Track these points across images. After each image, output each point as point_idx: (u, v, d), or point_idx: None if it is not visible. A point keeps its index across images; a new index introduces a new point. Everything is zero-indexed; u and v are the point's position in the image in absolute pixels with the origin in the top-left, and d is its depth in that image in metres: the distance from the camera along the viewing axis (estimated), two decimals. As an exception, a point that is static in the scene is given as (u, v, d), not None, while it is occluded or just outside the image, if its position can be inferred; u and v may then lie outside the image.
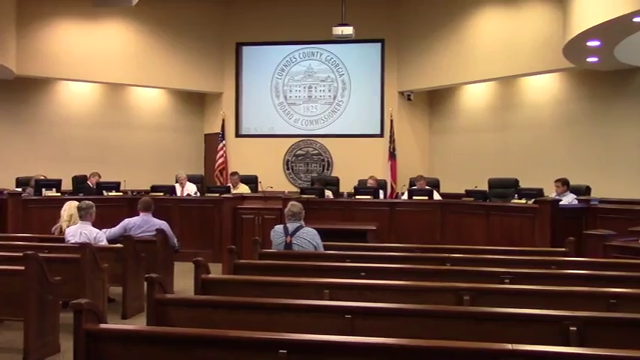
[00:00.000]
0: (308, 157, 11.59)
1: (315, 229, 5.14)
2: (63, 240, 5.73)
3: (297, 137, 11.72)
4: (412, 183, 9.37)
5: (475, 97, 10.74)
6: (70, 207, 6.12)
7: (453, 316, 2.82)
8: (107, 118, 11.34)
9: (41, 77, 10.34)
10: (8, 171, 9.78)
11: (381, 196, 9.09)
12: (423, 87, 10.95)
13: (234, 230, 8.08)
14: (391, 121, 11.02)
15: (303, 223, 5.12)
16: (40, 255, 4.38)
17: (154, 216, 6.47)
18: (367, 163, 10.95)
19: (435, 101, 11.43)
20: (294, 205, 5.18)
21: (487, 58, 9.62)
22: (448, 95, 11.19)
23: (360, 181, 9.70)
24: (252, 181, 10.00)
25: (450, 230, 7.82)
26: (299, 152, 11.69)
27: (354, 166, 10.93)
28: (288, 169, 11.71)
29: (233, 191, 9.27)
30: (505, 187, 8.29)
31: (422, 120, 11.47)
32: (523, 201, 7.00)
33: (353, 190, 8.75)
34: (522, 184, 8.20)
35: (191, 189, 9.51)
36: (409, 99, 11.20)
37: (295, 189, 10.69)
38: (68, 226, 5.90)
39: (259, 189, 9.63)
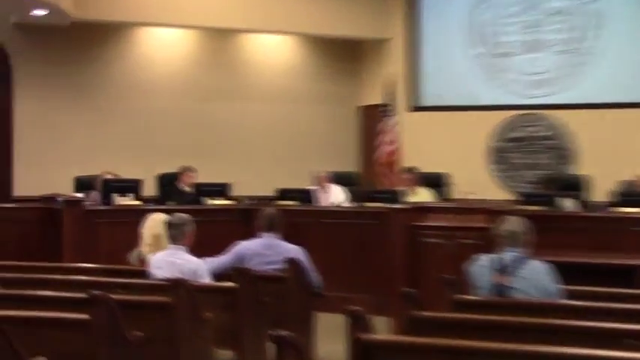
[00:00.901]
0: (531, 143, 11.46)
1: (547, 262, 5.25)
2: (144, 273, 6.03)
3: (512, 110, 11.88)
4: None
5: None
6: (155, 223, 6.51)
7: None
8: (208, 85, 12.21)
9: (108, 22, 11.32)
10: (63, 166, 10.83)
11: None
12: None
13: (411, 262, 8.30)
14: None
15: (527, 252, 5.24)
16: (112, 297, 4.59)
17: (282, 239, 6.79)
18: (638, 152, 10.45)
19: None
20: (512, 223, 5.34)
21: None
22: None
23: (625, 183, 9.31)
24: (436, 182, 10.40)
25: None
26: (515, 134, 11.67)
27: (614, 158, 10.78)
28: (496, 163, 11.60)
29: (408, 199, 9.64)
30: None
31: None
32: None
33: (613, 199, 8.37)
34: None
35: (339, 195, 10.09)
36: None
37: (510, 196, 11.08)
38: (153, 252, 6.21)
39: (449, 195, 10.13)
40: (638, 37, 11.01)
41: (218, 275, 6.36)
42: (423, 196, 9.94)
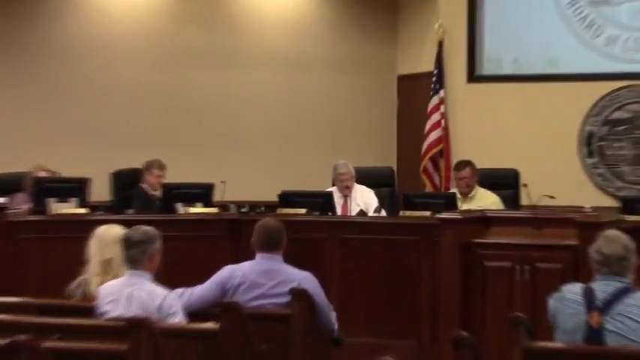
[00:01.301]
0: None
1: None
2: (91, 311, 5.93)
3: (614, 80, 11.63)
4: None
5: None
6: (107, 239, 6.42)
7: None
8: (185, 48, 12.17)
9: None
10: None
11: None
12: None
13: (467, 295, 8.13)
14: None
15: (631, 281, 5.21)
16: (44, 346, 4.50)
17: (286, 261, 6.68)
18: None
19: None
20: (612, 241, 5.30)
21: None
22: None
23: None
24: (502, 182, 10.57)
25: None
26: (618, 115, 11.46)
27: None
28: (591, 156, 11.71)
29: (462, 205, 9.69)
30: None
31: None
32: None
33: None
34: None
35: (368, 200, 10.01)
36: None
37: (608, 201, 11.07)
38: (103, 282, 6.11)
39: (521, 200, 10.22)
40: None
41: (196, 312, 6.34)
42: (484, 201, 9.95)
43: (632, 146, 11.60)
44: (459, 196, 9.91)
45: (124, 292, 5.92)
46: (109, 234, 6.48)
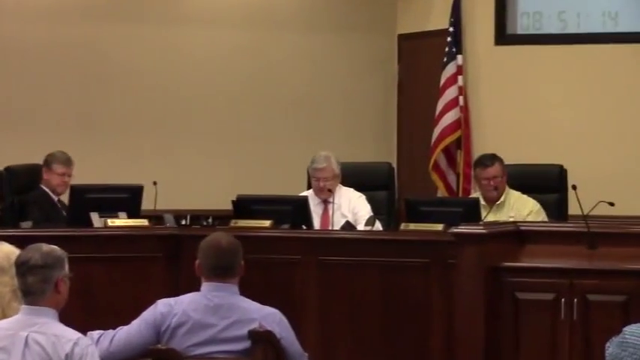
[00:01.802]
0: None
1: None
2: None
3: None
4: None
5: None
6: None
7: None
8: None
9: None
10: None
11: None
12: None
13: (494, 335, 8.21)
14: None
15: None
16: None
17: (243, 292, 6.71)
18: None
19: None
20: None
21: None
22: None
23: None
24: (546, 182, 10.85)
25: None
26: None
27: None
28: None
29: (488, 216, 10.02)
30: None
31: None
32: None
33: None
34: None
35: (356, 206, 10.34)
36: None
37: None
38: None
39: (570, 208, 10.42)
40: None
41: None
42: (519, 210, 10.21)
43: None
44: (483, 202, 10.10)
45: (19, 337, 5.64)
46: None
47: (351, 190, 10.51)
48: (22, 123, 11.84)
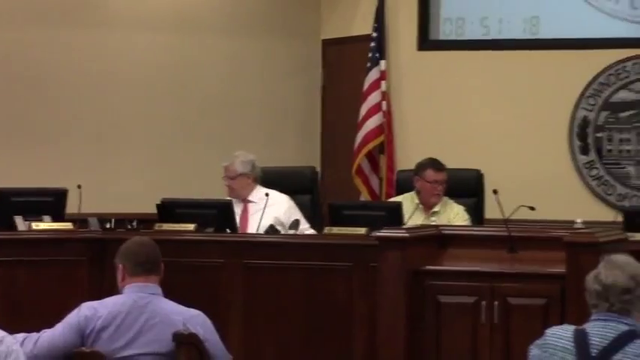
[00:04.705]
0: None
1: None
2: None
3: (617, 48, 12.13)
4: None
5: None
6: None
7: None
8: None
9: None
10: None
11: None
12: None
13: (415, 338, 8.25)
14: None
15: (638, 323, 5.19)
16: None
17: (167, 296, 6.70)
18: None
19: None
20: (616, 267, 5.29)
21: None
22: None
23: None
24: (464, 186, 10.94)
25: None
26: (620, 97, 11.65)
27: None
28: (585, 152, 12.08)
29: (419, 218, 10.20)
30: None
31: None
32: None
33: None
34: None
35: (280, 210, 10.40)
36: None
37: (607, 213, 11.34)
38: None
39: (488, 212, 10.69)
40: None
41: None
42: (450, 214, 10.52)
43: (635, 139, 11.84)
44: (421, 206, 10.44)
45: None
46: None
47: (276, 192, 10.72)
48: None
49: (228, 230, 9.86)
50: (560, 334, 5.29)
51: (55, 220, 9.66)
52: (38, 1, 12.25)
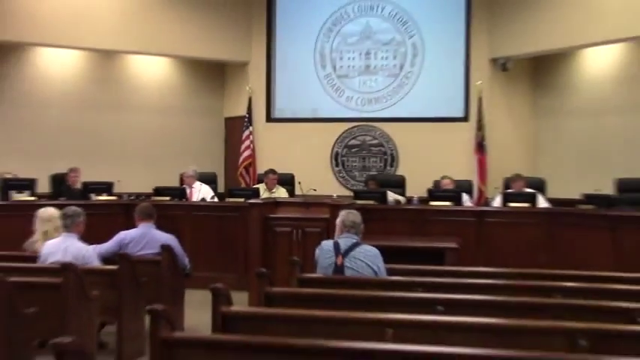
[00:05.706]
0: (364, 149, 12.47)
1: (375, 247, 5.85)
2: (37, 259, 6.12)
3: (350, 122, 13.94)
4: (507, 185, 9.55)
5: (600, 65, 10.70)
6: (47, 215, 6.78)
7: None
8: (96, 97, 14.45)
9: (8, 42, 12.42)
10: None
11: (466, 202, 9.02)
12: (525, 52, 11.53)
13: (265, 247, 9.24)
14: (479, 99, 11.44)
15: (360, 239, 5.81)
16: (8, 280, 4.79)
17: (157, 228, 7.40)
18: (446, 157, 12.25)
19: (541, 72, 11.75)
20: (350, 214, 5.89)
21: (617, 12, 9.45)
22: (560, 63, 11.33)
23: (435, 183, 10.10)
24: (288, 181, 12.00)
25: (561, 249, 8.64)
26: (352, 142, 12.75)
27: (427, 162, 12.80)
28: (337, 166, 12.96)
29: (270, 195, 11.03)
30: (640, 191, 8.80)
31: (523, 98, 11.66)
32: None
33: (427, 194, 8.78)
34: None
35: (206, 192, 11.67)
36: (505, 69, 11.45)
37: (347, 192, 12.46)
38: (45, 240, 6.15)
39: (297, 192, 11.43)
40: (449, 65, 11.55)
41: (104, 259, 6.70)
42: (280, 193, 11.37)
43: (360, 160, 13.40)
44: (265, 188, 10.64)
45: (61, 247, 6.01)
46: (48, 212, 6.59)
47: (204, 184, 10.64)
48: (57, 155, 12.23)
49: (184, 200, 10.29)
50: (328, 243, 5.59)
51: (108, 195, 10.84)
52: (100, 97, 12.61)
